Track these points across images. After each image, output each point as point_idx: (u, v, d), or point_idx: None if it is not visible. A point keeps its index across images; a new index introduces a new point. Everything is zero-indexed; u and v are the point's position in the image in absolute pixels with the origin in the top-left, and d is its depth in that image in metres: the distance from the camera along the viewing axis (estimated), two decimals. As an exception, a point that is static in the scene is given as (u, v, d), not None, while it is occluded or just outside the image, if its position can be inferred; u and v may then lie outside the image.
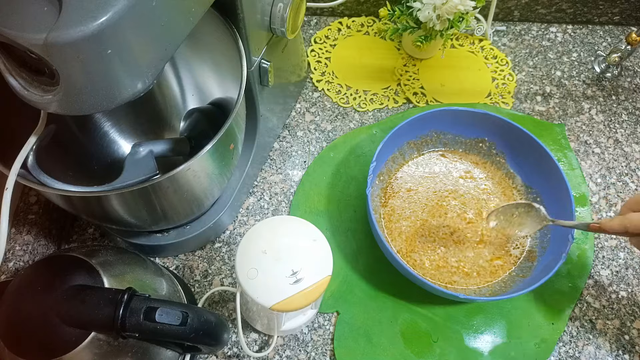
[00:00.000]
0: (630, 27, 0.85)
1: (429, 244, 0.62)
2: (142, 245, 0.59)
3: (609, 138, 0.74)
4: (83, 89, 0.34)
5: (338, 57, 0.79)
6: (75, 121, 0.57)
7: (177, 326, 0.41)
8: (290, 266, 0.46)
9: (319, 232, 0.49)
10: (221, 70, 0.57)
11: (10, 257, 0.56)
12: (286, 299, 0.45)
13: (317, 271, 0.46)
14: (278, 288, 0.45)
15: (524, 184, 0.66)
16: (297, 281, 0.45)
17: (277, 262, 0.46)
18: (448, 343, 0.58)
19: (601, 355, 0.59)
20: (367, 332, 0.58)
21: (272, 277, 0.45)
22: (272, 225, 0.48)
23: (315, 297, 0.46)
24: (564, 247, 0.56)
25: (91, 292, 0.42)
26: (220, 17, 0.48)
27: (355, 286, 0.61)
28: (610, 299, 0.62)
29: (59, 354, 0.41)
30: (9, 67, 0.35)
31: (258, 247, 0.46)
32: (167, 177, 0.44)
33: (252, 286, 0.45)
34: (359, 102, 0.75)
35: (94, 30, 0.31)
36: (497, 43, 0.82)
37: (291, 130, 0.72)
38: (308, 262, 0.46)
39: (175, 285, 0.54)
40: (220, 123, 0.46)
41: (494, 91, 0.77)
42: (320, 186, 0.67)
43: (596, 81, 0.79)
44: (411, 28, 0.70)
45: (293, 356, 0.57)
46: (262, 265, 0.46)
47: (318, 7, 0.81)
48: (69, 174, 0.52)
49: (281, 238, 0.47)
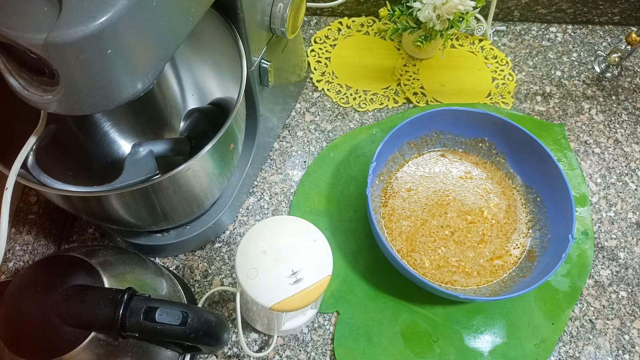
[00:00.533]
0: (630, 27, 0.85)
1: (429, 244, 0.62)
2: (142, 245, 0.59)
3: (609, 138, 0.74)
4: (83, 89, 0.34)
5: (338, 57, 0.79)
6: (75, 121, 0.57)
7: (177, 326, 0.41)
8: (291, 266, 0.46)
9: (319, 232, 0.49)
10: (221, 70, 0.57)
11: (10, 257, 0.56)
12: (286, 299, 0.45)
13: (317, 271, 0.46)
14: (278, 288, 0.45)
15: (524, 184, 0.66)
16: (297, 281, 0.45)
17: (277, 262, 0.46)
18: (448, 343, 0.58)
19: (601, 355, 0.59)
20: (367, 332, 0.58)
21: (272, 277, 0.45)
22: (272, 225, 0.48)
23: (316, 297, 0.46)
24: (564, 247, 0.56)
25: (91, 292, 0.42)
26: (220, 17, 0.48)
27: (355, 286, 0.61)
28: (610, 299, 0.62)
29: (59, 354, 0.41)
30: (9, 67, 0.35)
31: (258, 247, 0.46)
32: (167, 177, 0.44)
33: (252, 286, 0.45)
34: (359, 102, 0.75)
35: (94, 30, 0.31)
36: (497, 43, 0.82)
37: (291, 130, 0.72)
38: (308, 262, 0.46)
39: (175, 285, 0.54)
40: (220, 123, 0.46)
41: (494, 91, 0.77)
42: (320, 186, 0.67)
43: (596, 81, 0.79)
44: (411, 28, 0.70)
45: (293, 356, 0.57)
46: (262, 265, 0.46)
47: (318, 7, 0.81)
48: (69, 174, 0.52)
49: (281, 238, 0.47)
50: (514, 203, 0.66)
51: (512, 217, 0.65)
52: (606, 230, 0.67)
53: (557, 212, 0.60)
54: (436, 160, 0.68)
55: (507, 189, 0.67)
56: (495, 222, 0.64)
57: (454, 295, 0.54)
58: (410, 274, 0.54)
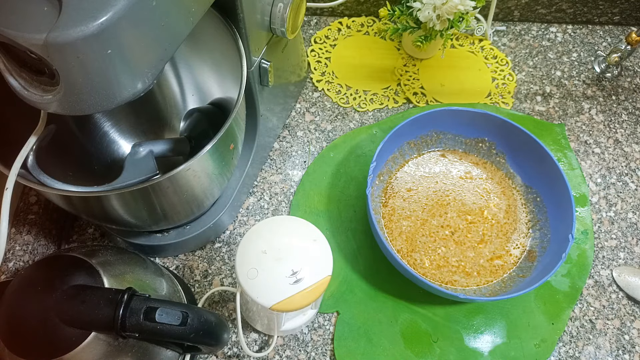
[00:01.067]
0: (630, 27, 0.85)
1: (429, 244, 0.62)
2: (142, 245, 0.59)
3: (609, 138, 0.74)
4: (83, 89, 0.34)
5: (338, 57, 0.79)
6: (75, 121, 0.57)
7: (177, 326, 0.41)
8: (291, 266, 0.46)
9: (319, 232, 0.48)
10: (221, 70, 0.57)
11: (10, 257, 0.56)
12: (286, 299, 0.45)
13: (317, 271, 0.46)
14: (278, 288, 0.45)
15: (524, 184, 0.66)
16: (297, 281, 0.45)
17: (277, 262, 0.46)
18: (448, 343, 0.58)
19: (601, 355, 0.59)
20: (367, 332, 0.58)
21: (272, 277, 0.45)
22: (272, 225, 0.48)
23: (316, 297, 0.46)
24: (564, 247, 0.56)
25: (91, 292, 0.42)
26: (220, 17, 0.48)
27: (355, 286, 0.61)
28: (610, 299, 0.62)
29: (59, 354, 0.41)
30: (9, 67, 0.35)
31: (258, 247, 0.46)
32: (167, 177, 0.44)
33: (252, 286, 0.45)
34: (359, 102, 0.75)
35: (94, 30, 0.31)
36: (497, 43, 0.82)
37: (291, 130, 0.72)
38: (308, 262, 0.46)
39: (175, 285, 0.54)
40: (220, 123, 0.46)
41: (494, 91, 0.77)
42: (320, 186, 0.67)
43: (596, 81, 0.79)
44: (411, 28, 0.70)
45: (293, 356, 0.57)
46: (262, 265, 0.46)
47: (318, 7, 0.81)
48: (69, 174, 0.52)
49: (281, 238, 0.47)
50: (514, 203, 0.66)
51: (512, 217, 0.65)
52: (606, 230, 0.67)
53: (557, 212, 0.60)
54: (436, 161, 0.68)
55: (507, 189, 0.67)
56: (495, 222, 0.64)
57: (454, 295, 0.54)
58: (410, 274, 0.54)
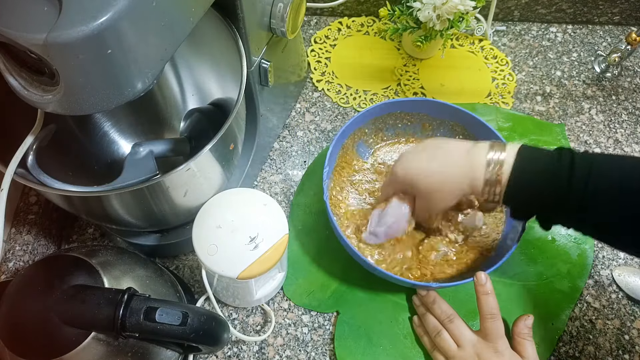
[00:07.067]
0: (630, 27, 0.85)
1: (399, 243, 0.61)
2: (142, 245, 0.59)
3: (609, 138, 0.74)
4: (83, 89, 0.34)
5: (338, 57, 0.79)
6: (75, 121, 0.58)
7: (177, 326, 0.41)
8: (247, 234, 0.47)
9: (268, 197, 0.50)
10: (221, 70, 0.57)
11: (10, 257, 0.56)
12: (250, 265, 0.46)
13: (274, 233, 0.48)
14: (240, 257, 0.46)
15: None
16: (256, 246, 0.47)
17: (234, 233, 0.47)
18: (448, 343, 0.58)
19: (601, 355, 0.59)
20: (367, 332, 0.58)
21: (232, 249, 0.47)
22: (220, 201, 0.50)
23: (278, 258, 0.47)
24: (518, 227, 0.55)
25: (91, 292, 0.42)
26: (220, 17, 0.48)
27: (355, 286, 0.61)
28: (610, 299, 0.62)
29: (59, 354, 0.41)
30: (9, 67, 0.35)
31: (212, 223, 0.48)
32: (167, 177, 0.44)
33: (215, 262, 0.46)
34: (359, 102, 0.75)
35: (94, 30, 0.31)
36: (497, 43, 0.82)
37: (291, 130, 0.72)
38: (263, 226, 0.48)
39: (175, 285, 0.54)
40: (220, 123, 0.46)
41: (494, 91, 0.77)
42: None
43: (596, 81, 0.79)
44: (411, 28, 0.70)
45: (293, 356, 0.57)
46: (219, 240, 0.47)
47: (318, 7, 0.81)
48: (69, 174, 0.52)
49: (232, 210, 0.49)
50: None
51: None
52: (606, 230, 0.67)
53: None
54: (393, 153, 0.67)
55: None
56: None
57: (409, 282, 0.54)
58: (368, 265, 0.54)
